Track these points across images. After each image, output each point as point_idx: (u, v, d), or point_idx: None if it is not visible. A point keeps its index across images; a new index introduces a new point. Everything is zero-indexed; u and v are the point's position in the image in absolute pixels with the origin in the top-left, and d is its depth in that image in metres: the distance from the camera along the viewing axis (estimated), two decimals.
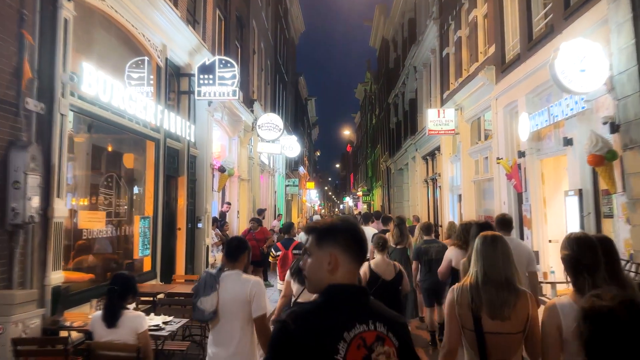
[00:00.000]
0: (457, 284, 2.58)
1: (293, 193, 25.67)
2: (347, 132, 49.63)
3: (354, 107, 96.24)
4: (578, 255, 2.21)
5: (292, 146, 19.03)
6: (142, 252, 6.60)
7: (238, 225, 12.10)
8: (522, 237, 9.55)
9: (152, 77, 6.99)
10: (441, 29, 15.70)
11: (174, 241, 8.04)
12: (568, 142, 7.07)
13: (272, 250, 6.05)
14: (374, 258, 4.79)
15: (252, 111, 13.10)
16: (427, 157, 18.23)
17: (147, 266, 6.98)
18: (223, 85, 8.05)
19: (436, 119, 13.13)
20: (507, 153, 9.95)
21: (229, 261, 3.12)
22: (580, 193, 6.74)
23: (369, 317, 1.39)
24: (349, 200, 63.95)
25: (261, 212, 11.01)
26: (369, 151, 44.20)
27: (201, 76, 8.02)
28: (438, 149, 15.94)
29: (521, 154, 8.97)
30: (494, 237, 2.55)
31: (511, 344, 2.34)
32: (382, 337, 1.38)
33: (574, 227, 6.86)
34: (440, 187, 16.08)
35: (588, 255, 2.19)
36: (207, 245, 9.05)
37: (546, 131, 8.43)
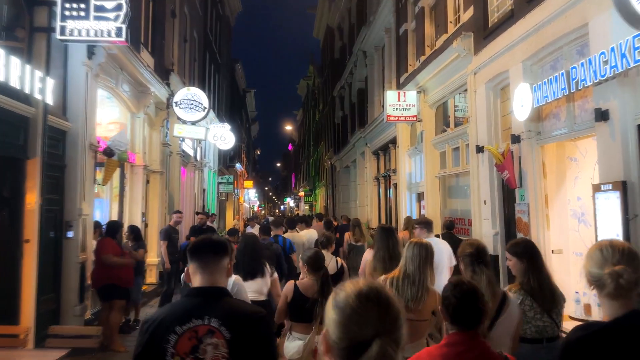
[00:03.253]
0: (387, 275, 3.28)
1: (227, 192, 22.72)
2: (288, 128, 47.00)
3: (296, 105, 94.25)
4: (480, 254, 2.81)
5: (224, 136, 16.19)
6: None
7: (145, 232, 9.20)
8: None
9: None
10: (398, 3, 13.66)
11: (16, 261, 5.11)
12: (602, 115, 5.03)
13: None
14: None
15: (168, 84, 10.24)
16: (379, 151, 16.17)
17: None
18: (102, 20, 5.27)
19: (396, 102, 10.99)
20: (490, 140, 7.94)
21: None
22: (623, 187, 4.71)
23: (207, 314, 1.66)
24: (290, 201, 61.58)
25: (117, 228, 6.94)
26: (311, 149, 42.01)
27: (67, 5, 5.20)
28: (393, 141, 13.89)
29: (515, 139, 6.93)
30: (416, 244, 3.23)
31: (420, 327, 3.04)
32: (213, 330, 1.63)
33: (613, 235, 4.84)
34: (395, 185, 14.03)
35: (486, 254, 2.91)
36: (83, 263, 6.19)
37: (551, 107, 6.44)
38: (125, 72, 7.87)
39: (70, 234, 5.91)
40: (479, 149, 8.14)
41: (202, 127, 11.07)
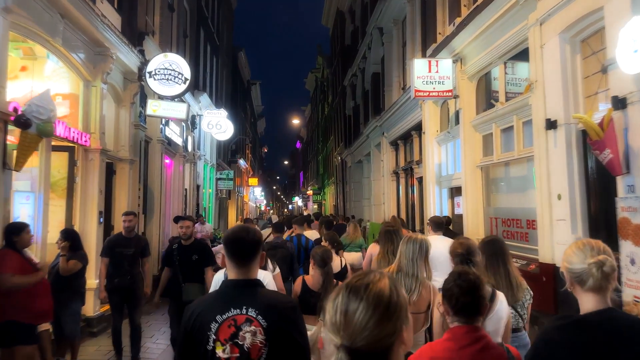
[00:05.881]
0: (385, 269, 3.42)
1: (227, 188, 20.67)
2: (296, 121, 44.84)
3: (304, 102, 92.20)
4: (469, 254, 2.96)
5: (220, 124, 14.14)
6: None
7: (102, 238, 7.13)
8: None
9: None
10: None
11: None
12: None
13: None
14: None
15: (141, 52, 8.16)
16: (399, 141, 14.02)
17: None
18: None
19: (426, 74, 8.83)
20: (567, 111, 5.78)
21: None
22: None
23: (244, 304, 1.82)
24: (298, 200, 59.62)
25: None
26: (320, 146, 39.92)
27: None
28: (417, 127, 11.73)
29: (618, 103, 4.75)
30: (410, 239, 3.34)
31: (417, 320, 3.07)
32: (251, 319, 1.79)
33: None
34: (420, 179, 11.86)
35: (476, 253, 3.01)
36: None
37: None
38: (68, 20, 5.81)
39: None
40: (551, 125, 5.97)
41: (183, 104, 8.91)
